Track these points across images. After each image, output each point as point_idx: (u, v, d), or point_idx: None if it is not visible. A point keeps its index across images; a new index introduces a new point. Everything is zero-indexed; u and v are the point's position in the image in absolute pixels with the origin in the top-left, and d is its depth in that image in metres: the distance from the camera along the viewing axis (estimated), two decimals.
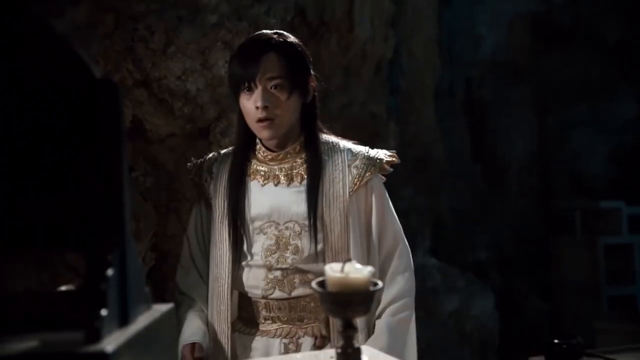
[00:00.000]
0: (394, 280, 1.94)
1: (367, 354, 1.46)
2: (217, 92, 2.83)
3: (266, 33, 1.94)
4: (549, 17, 6.13)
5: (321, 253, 1.89)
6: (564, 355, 2.02)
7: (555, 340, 2.06)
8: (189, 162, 2.08)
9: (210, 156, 2.06)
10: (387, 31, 4.32)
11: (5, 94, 1.10)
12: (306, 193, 1.91)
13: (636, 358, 2.14)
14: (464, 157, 5.85)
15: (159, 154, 2.87)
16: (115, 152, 1.10)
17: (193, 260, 2.03)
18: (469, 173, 5.82)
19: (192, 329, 1.93)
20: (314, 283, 1.37)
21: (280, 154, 1.94)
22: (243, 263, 1.94)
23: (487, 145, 6.01)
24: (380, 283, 1.37)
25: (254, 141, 1.98)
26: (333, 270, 1.33)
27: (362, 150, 1.98)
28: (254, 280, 1.93)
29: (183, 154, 2.86)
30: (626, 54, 6.02)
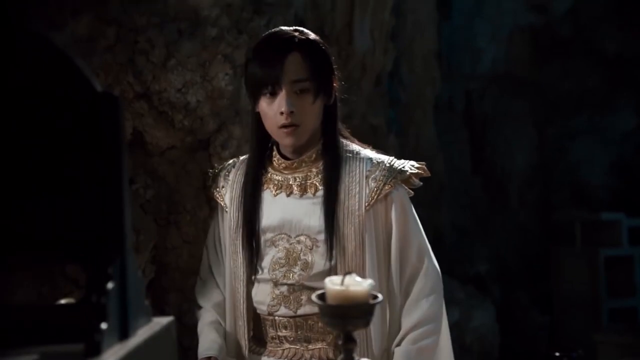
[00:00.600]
0: (418, 304, 1.77)
1: None
2: (217, 105, 2.84)
3: (286, 30, 1.80)
4: (549, 30, 6.15)
5: (334, 270, 1.75)
6: None
7: (556, 352, 2.05)
8: (209, 170, 2.01)
9: (229, 163, 1.95)
10: (387, 44, 4.33)
11: (5, 108, 1.10)
12: (322, 205, 1.77)
13: None
14: (464, 169, 5.86)
15: (159, 167, 2.87)
16: (115, 165, 1.10)
17: (211, 270, 1.94)
18: (469, 185, 5.83)
19: (208, 343, 1.85)
20: (314, 296, 1.37)
21: (294, 162, 1.81)
22: (253, 277, 1.84)
23: (487, 157, 6.02)
24: (380, 296, 1.36)
25: (270, 147, 1.85)
26: (333, 283, 1.33)
27: (385, 160, 1.82)
28: (261, 295, 1.83)
29: (183, 167, 2.86)
30: (626, 66, 6.04)
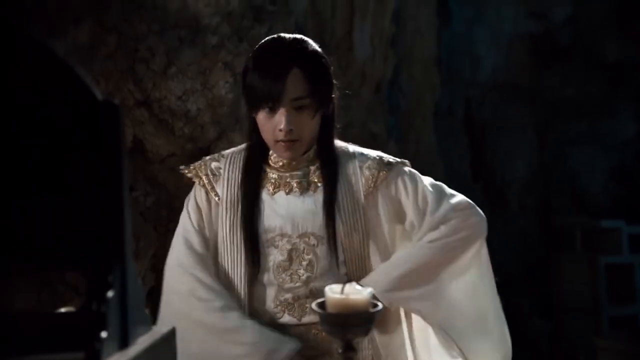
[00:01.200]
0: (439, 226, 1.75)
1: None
2: (218, 113, 2.84)
3: (287, 41, 1.74)
4: (548, 37, 6.16)
5: (342, 264, 1.75)
6: None
7: None
8: (183, 166, 1.90)
9: (208, 158, 1.87)
10: (387, 51, 4.34)
11: (5, 116, 1.10)
12: (323, 201, 1.74)
13: None
14: (464, 176, 5.86)
15: (159, 174, 2.88)
16: (116, 172, 1.10)
17: (201, 258, 1.78)
18: (469, 191, 5.80)
19: (276, 336, 1.70)
20: (314, 304, 1.36)
21: (293, 162, 1.78)
22: (255, 280, 1.76)
23: (487, 164, 6.02)
24: (380, 305, 1.36)
25: (267, 148, 1.80)
26: (333, 291, 1.33)
27: (372, 152, 1.84)
28: (262, 301, 1.76)
29: (183, 174, 2.86)
30: (625, 72, 6.05)
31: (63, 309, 1.27)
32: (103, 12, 2.78)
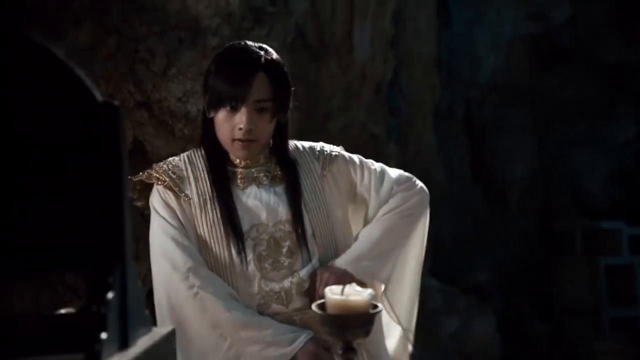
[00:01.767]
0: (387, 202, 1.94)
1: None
2: None
3: (253, 48, 1.84)
4: (548, 38, 6.17)
5: (313, 241, 1.85)
6: None
7: None
8: (131, 177, 1.90)
9: (161, 163, 1.90)
10: (387, 52, 4.34)
11: (6, 117, 1.10)
12: (285, 187, 1.87)
13: None
14: (464, 178, 5.86)
15: None
16: (116, 174, 1.10)
17: (192, 257, 1.80)
18: (469, 193, 5.83)
19: (288, 329, 1.77)
20: (314, 305, 1.37)
21: (254, 159, 1.88)
22: (240, 271, 1.81)
23: (487, 165, 6.02)
24: (380, 306, 1.36)
25: (223, 150, 1.89)
26: (333, 292, 1.33)
27: (317, 144, 2.00)
28: (247, 293, 1.80)
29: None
30: (625, 74, 6.06)
31: (63, 310, 1.27)
32: (103, 14, 2.78)
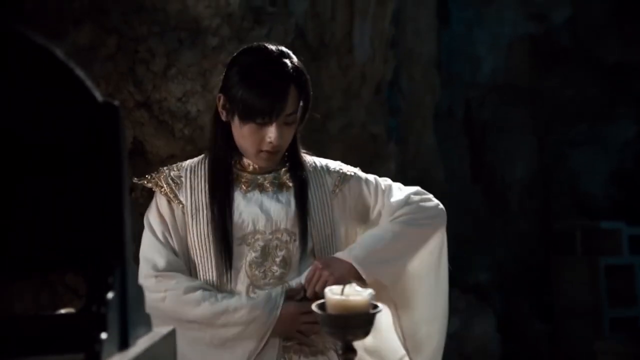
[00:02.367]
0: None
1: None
2: None
3: (276, 55, 1.77)
4: (548, 39, 6.17)
5: (312, 258, 1.81)
6: None
7: None
8: (137, 178, 1.91)
9: (166, 168, 1.90)
10: (387, 52, 4.34)
11: (5, 117, 1.10)
12: (294, 198, 1.82)
13: None
14: (464, 178, 5.86)
15: None
16: (115, 174, 1.10)
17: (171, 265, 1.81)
18: (469, 193, 5.83)
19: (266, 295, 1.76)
20: (314, 305, 1.36)
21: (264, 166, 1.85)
22: (225, 280, 1.80)
23: (487, 165, 6.02)
24: (380, 306, 1.36)
25: (235, 152, 1.85)
26: (333, 292, 1.33)
27: (330, 161, 1.95)
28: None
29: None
30: (625, 74, 6.06)
31: (63, 310, 1.27)
32: (103, 14, 2.78)
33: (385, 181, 1.93)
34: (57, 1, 2.75)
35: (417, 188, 1.92)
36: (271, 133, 1.74)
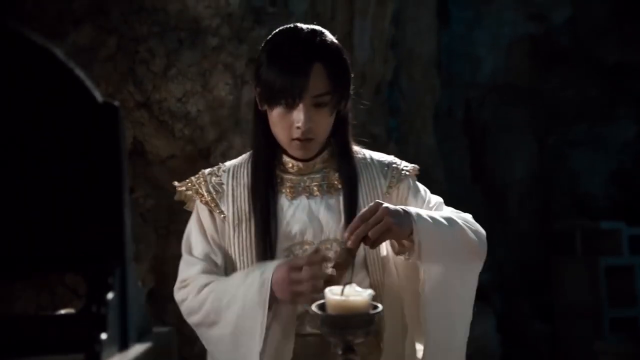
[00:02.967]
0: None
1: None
2: (218, 114, 2.84)
3: (306, 32, 1.63)
4: (548, 39, 6.17)
5: (364, 268, 1.64)
6: None
7: None
8: (177, 183, 1.77)
9: (207, 173, 1.74)
10: (387, 53, 4.34)
11: (6, 118, 1.10)
12: (343, 204, 1.66)
13: None
14: (464, 178, 5.86)
15: (160, 176, 2.88)
16: (115, 174, 1.10)
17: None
18: (469, 194, 5.83)
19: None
20: (314, 306, 1.36)
21: (309, 165, 1.69)
22: None
23: (487, 166, 6.02)
24: (380, 306, 1.36)
25: (277, 150, 1.69)
26: (333, 292, 1.33)
27: (388, 157, 1.79)
28: (280, 313, 1.60)
29: (183, 176, 2.86)
30: (625, 74, 6.06)
31: (63, 311, 1.27)
32: (103, 14, 2.78)
33: (436, 198, 1.77)
34: (57, 2, 2.75)
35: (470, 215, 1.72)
36: (297, 116, 1.59)
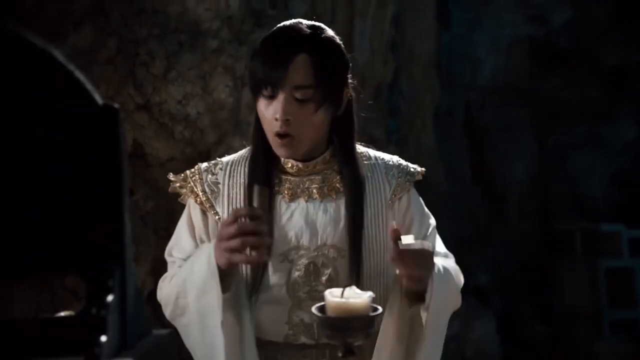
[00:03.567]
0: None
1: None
2: (217, 117, 2.85)
3: (300, 26, 1.58)
4: (548, 40, 6.17)
5: (361, 278, 1.55)
6: None
7: None
8: (173, 176, 1.71)
9: (203, 169, 1.67)
10: (387, 54, 4.35)
11: (6, 120, 1.10)
12: (346, 209, 1.57)
13: None
14: (464, 179, 5.86)
15: (159, 178, 2.88)
16: (115, 176, 1.10)
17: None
18: (469, 195, 5.83)
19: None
20: (314, 308, 1.36)
21: (309, 165, 1.60)
22: (255, 299, 1.56)
23: (487, 167, 6.02)
24: (380, 308, 1.36)
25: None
26: (332, 295, 1.33)
27: (394, 159, 1.69)
28: (273, 321, 1.57)
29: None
30: (625, 76, 6.06)
31: (63, 313, 1.27)
32: (103, 16, 2.79)
33: (431, 219, 1.69)
34: (58, 3, 2.75)
35: (451, 256, 1.71)
36: (276, 106, 1.51)
